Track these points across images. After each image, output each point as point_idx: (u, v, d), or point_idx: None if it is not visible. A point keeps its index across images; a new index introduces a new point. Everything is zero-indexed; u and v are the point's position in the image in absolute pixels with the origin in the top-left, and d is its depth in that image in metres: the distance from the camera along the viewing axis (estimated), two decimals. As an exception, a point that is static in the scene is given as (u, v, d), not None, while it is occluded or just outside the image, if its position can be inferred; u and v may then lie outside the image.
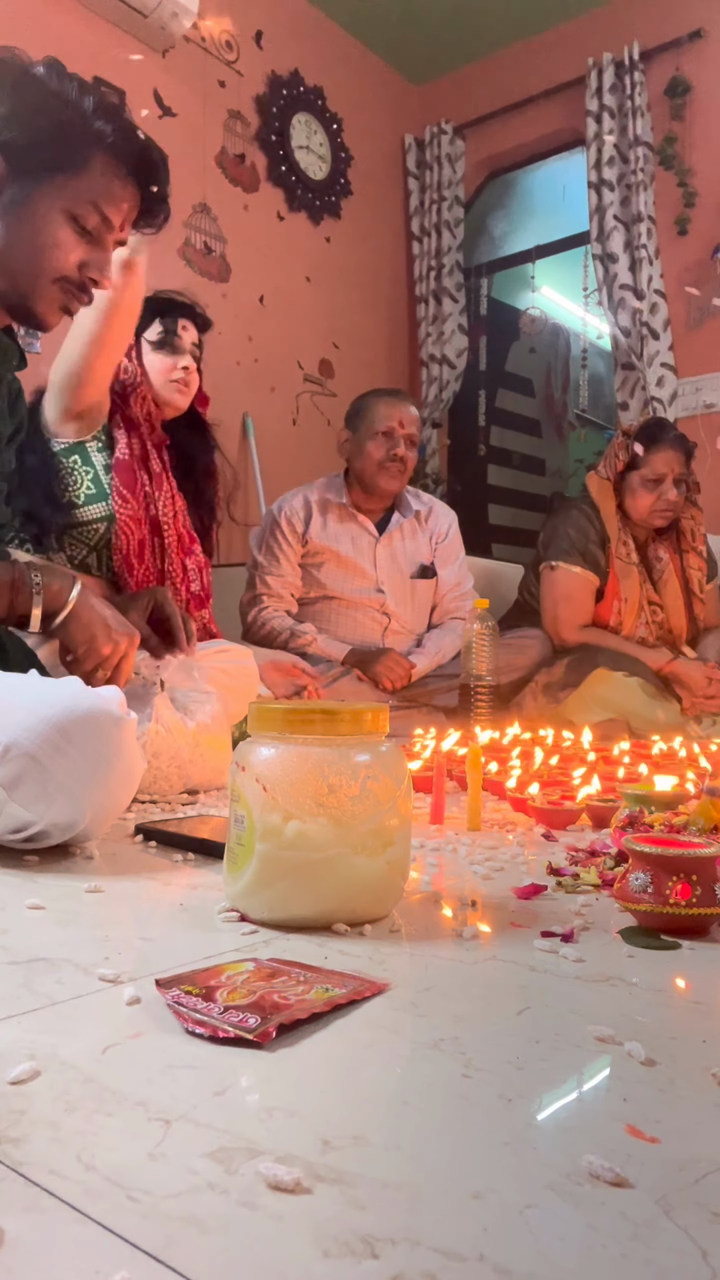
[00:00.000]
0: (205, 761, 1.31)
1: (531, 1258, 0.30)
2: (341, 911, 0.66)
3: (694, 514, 2.46)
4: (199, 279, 3.08)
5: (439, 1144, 0.37)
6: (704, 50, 3.20)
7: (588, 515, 2.39)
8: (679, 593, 2.44)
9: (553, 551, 2.40)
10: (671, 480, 2.32)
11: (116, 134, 1.12)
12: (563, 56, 3.49)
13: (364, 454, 2.30)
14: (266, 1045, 0.45)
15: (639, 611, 2.38)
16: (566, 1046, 0.46)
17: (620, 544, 2.38)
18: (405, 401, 2.34)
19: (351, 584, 2.33)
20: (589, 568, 2.36)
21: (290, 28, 3.39)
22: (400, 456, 2.28)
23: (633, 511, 2.38)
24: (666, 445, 2.33)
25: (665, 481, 2.32)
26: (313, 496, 2.36)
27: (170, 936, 0.64)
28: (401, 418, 2.29)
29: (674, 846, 0.67)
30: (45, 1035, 0.46)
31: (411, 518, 2.41)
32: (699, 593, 2.45)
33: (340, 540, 2.33)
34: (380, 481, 2.31)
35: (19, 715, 0.83)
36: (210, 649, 1.57)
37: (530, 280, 3.82)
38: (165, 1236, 0.30)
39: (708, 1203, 0.33)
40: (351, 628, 2.33)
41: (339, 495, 2.35)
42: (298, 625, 2.28)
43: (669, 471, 2.32)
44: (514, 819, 1.14)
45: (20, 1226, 0.31)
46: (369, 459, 2.29)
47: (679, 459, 2.33)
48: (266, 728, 0.68)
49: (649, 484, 2.34)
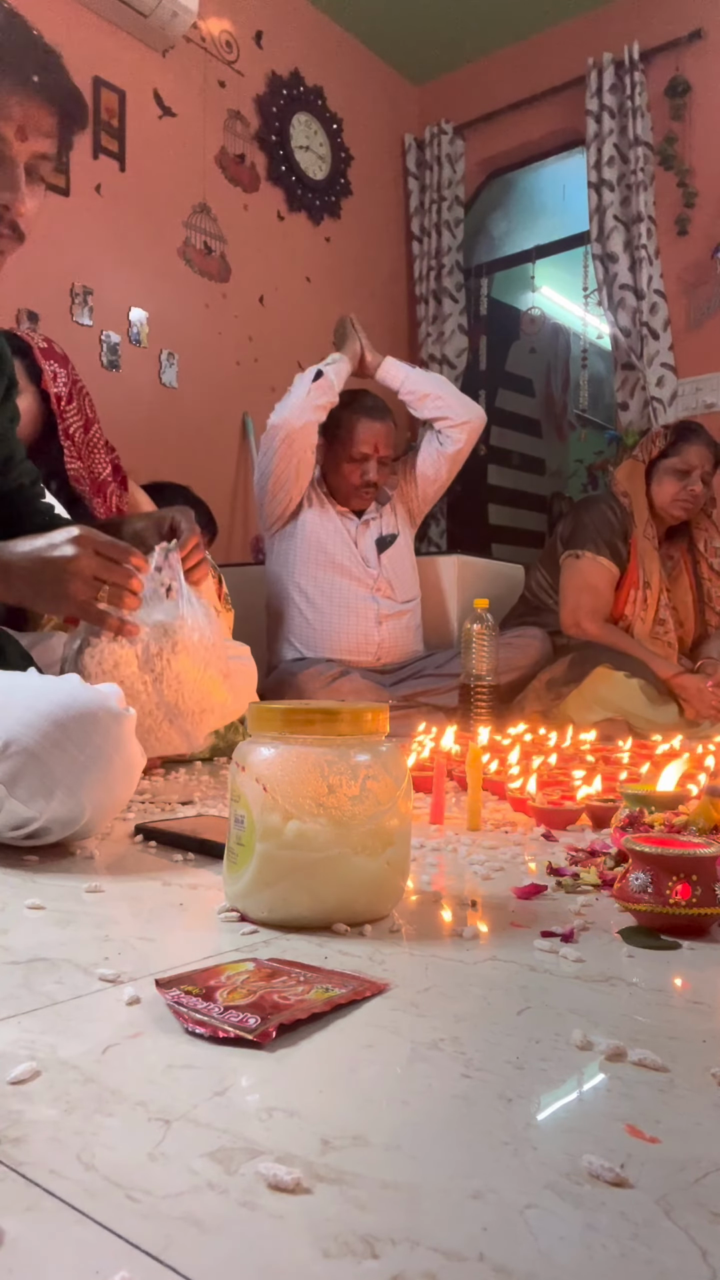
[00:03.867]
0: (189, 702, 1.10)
1: (531, 1258, 0.30)
2: (341, 911, 0.66)
3: (707, 525, 2.52)
4: (199, 279, 3.09)
5: (439, 1144, 0.37)
6: (704, 50, 3.20)
7: (612, 509, 2.45)
8: (689, 589, 2.50)
9: (578, 540, 2.44)
10: (699, 474, 2.40)
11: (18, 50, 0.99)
12: (563, 56, 3.48)
13: (339, 471, 2.38)
14: (266, 1045, 0.45)
15: (660, 595, 2.43)
16: (566, 1046, 0.46)
17: (648, 525, 2.44)
18: (384, 420, 2.37)
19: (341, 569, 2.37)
20: (613, 559, 2.41)
21: (290, 28, 3.39)
22: (372, 482, 2.36)
23: (656, 498, 2.45)
24: (700, 442, 2.43)
25: (693, 473, 2.40)
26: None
27: (170, 936, 0.64)
28: (377, 441, 2.34)
29: (674, 846, 0.67)
30: (45, 1035, 0.46)
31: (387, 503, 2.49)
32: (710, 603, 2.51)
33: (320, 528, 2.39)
34: (352, 504, 2.40)
35: (17, 711, 0.83)
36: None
37: (530, 280, 3.82)
38: (165, 1236, 0.30)
39: (708, 1203, 0.33)
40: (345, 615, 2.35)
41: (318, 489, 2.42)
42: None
43: (699, 465, 2.40)
44: (514, 819, 1.14)
45: (20, 1226, 0.31)
46: (344, 479, 2.37)
47: (709, 457, 2.42)
48: (266, 728, 0.68)
49: (678, 473, 2.41)
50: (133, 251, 2.86)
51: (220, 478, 3.14)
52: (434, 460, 2.51)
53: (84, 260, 2.71)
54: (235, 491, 3.22)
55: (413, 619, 2.49)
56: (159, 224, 2.95)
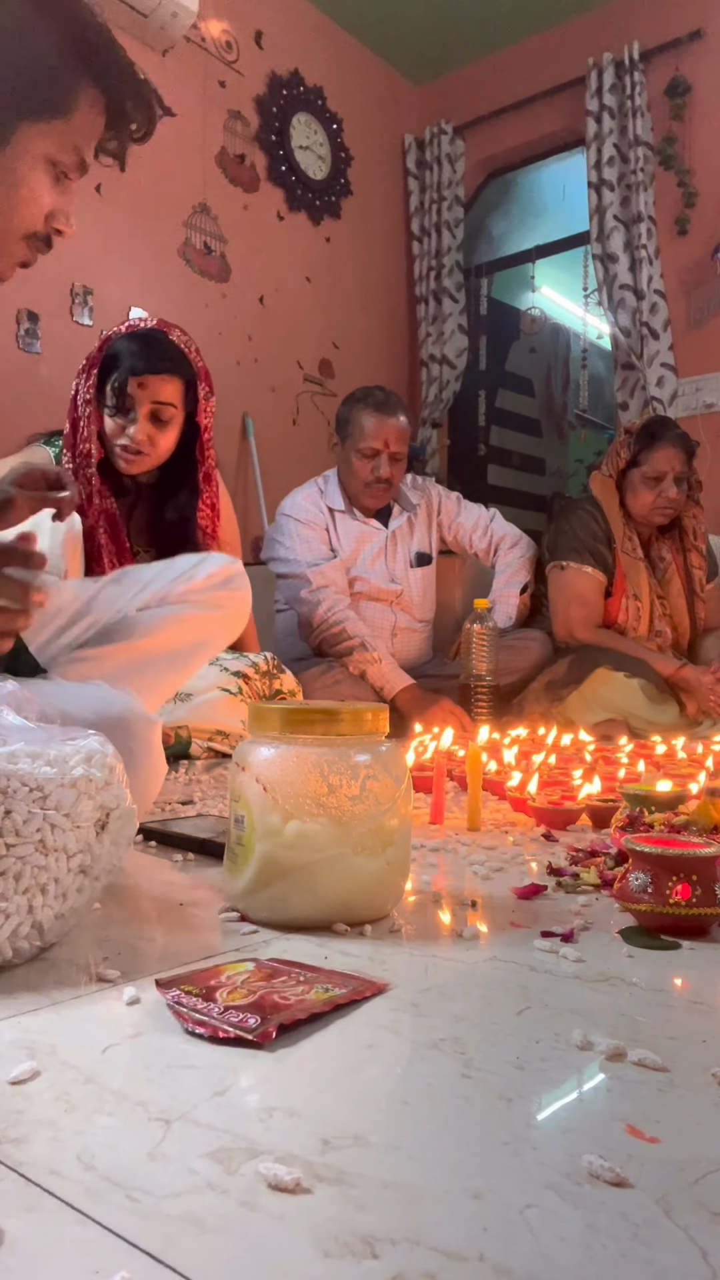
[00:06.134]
0: None
1: (531, 1258, 0.30)
2: (341, 911, 0.66)
3: (695, 512, 2.46)
4: (199, 279, 3.09)
5: (439, 1144, 0.37)
6: (704, 50, 3.20)
7: (593, 515, 2.40)
8: (682, 592, 2.45)
9: (561, 552, 2.40)
10: (672, 478, 2.33)
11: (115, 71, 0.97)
12: (563, 56, 3.48)
13: (351, 470, 2.34)
14: (266, 1045, 0.45)
15: (652, 606, 2.39)
16: (566, 1046, 0.46)
17: (626, 539, 2.39)
18: (393, 414, 2.31)
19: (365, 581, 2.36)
20: (598, 567, 2.37)
21: (290, 28, 3.39)
22: (385, 479, 2.31)
23: (634, 509, 2.38)
24: (667, 443, 2.33)
25: (665, 479, 2.32)
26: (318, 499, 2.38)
27: (170, 936, 0.64)
28: (388, 436, 2.28)
29: (674, 846, 0.67)
30: (45, 1035, 0.46)
31: (411, 513, 2.45)
32: (699, 592, 2.45)
33: (352, 539, 2.36)
34: (365, 500, 2.36)
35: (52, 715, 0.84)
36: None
37: (530, 280, 3.82)
38: (165, 1236, 0.30)
39: (708, 1203, 0.33)
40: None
41: (338, 501, 2.38)
42: (369, 639, 2.20)
43: (669, 469, 2.32)
44: (514, 819, 1.14)
45: (20, 1226, 0.31)
46: (355, 477, 2.33)
47: (679, 457, 2.33)
48: (266, 728, 0.68)
49: (649, 481, 2.34)
50: (133, 251, 2.86)
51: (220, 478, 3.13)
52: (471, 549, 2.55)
53: (84, 260, 2.71)
54: (235, 492, 3.22)
55: (425, 636, 2.49)
56: (159, 224, 2.95)
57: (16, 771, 0.55)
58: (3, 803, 0.53)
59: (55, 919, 0.56)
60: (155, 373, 1.51)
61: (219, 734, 1.69)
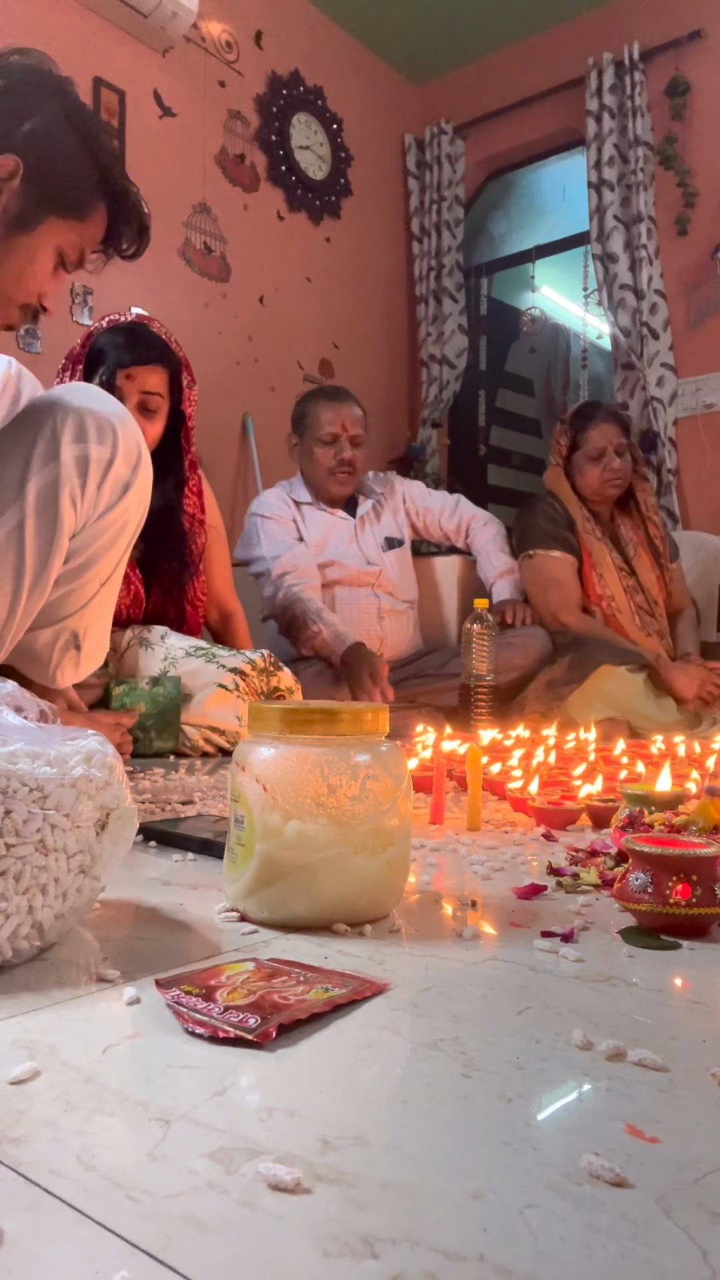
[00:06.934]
0: None
1: (531, 1258, 0.30)
2: (341, 911, 0.66)
3: (644, 486, 2.57)
4: (199, 279, 3.09)
5: (439, 1144, 0.37)
6: (704, 50, 3.20)
7: (550, 504, 2.51)
8: (652, 566, 2.54)
9: (526, 542, 2.50)
10: (613, 451, 2.44)
11: (126, 195, 1.19)
12: (563, 56, 3.49)
13: (314, 460, 2.39)
14: (266, 1045, 0.45)
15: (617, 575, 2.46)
16: (566, 1046, 0.46)
17: (585, 520, 2.49)
18: (346, 402, 2.39)
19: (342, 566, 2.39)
20: (565, 550, 2.45)
21: (290, 28, 3.39)
22: (348, 461, 2.37)
23: (585, 489, 2.50)
24: (600, 420, 2.47)
25: (607, 453, 2.45)
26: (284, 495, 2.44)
27: (170, 936, 0.64)
28: (344, 421, 2.36)
29: (674, 846, 0.67)
30: (45, 1035, 0.46)
31: (376, 500, 2.52)
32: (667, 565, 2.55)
33: (321, 529, 2.41)
34: (331, 488, 2.41)
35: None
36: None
37: (530, 280, 3.82)
38: (165, 1236, 0.30)
39: (708, 1203, 0.33)
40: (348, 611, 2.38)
41: (303, 495, 2.44)
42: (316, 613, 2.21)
43: (608, 444, 2.44)
44: (514, 819, 1.14)
45: (20, 1226, 0.31)
46: (319, 466, 2.39)
47: (615, 431, 2.46)
48: (266, 728, 0.68)
49: (592, 460, 2.46)
50: (133, 251, 2.86)
51: (220, 478, 3.14)
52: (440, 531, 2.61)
53: (84, 260, 2.71)
54: (235, 492, 3.22)
55: (411, 619, 2.53)
56: (159, 224, 2.94)
57: (16, 771, 0.55)
58: (3, 803, 0.53)
59: (55, 919, 0.56)
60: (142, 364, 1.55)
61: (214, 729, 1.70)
